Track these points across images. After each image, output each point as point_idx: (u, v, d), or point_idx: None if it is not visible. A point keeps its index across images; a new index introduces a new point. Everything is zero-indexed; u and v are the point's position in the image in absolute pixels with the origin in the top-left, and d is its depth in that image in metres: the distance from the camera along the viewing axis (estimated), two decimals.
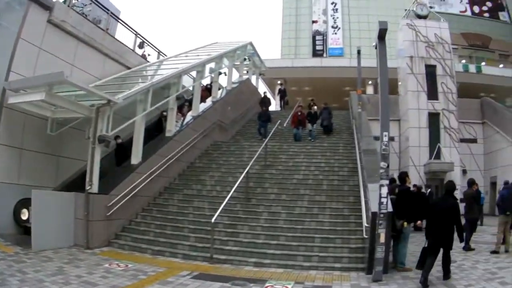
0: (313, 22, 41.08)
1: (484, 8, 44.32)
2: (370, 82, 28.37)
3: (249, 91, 21.19)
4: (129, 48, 15.21)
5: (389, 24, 7.85)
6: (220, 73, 17.36)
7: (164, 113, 13.27)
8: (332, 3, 41.50)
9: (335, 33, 40.23)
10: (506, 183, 11.00)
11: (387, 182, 7.25)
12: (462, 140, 20.78)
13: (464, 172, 20.15)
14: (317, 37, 40.23)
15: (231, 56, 18.17)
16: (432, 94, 20.36)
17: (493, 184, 20.01)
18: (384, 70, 7.80)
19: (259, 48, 21.96)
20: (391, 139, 17.37)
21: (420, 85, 20.44)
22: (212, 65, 16.53)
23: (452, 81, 20.67)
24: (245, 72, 22.20)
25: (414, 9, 22.66)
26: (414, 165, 19.25)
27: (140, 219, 10.36)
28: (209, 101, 16.44)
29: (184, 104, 14.88)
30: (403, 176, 8.34)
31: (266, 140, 13.96)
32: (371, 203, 7.82)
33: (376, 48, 8.12)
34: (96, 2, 14.77)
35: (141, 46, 18.00)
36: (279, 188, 11.40)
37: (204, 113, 15.20)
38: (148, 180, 10.69)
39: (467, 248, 9.54)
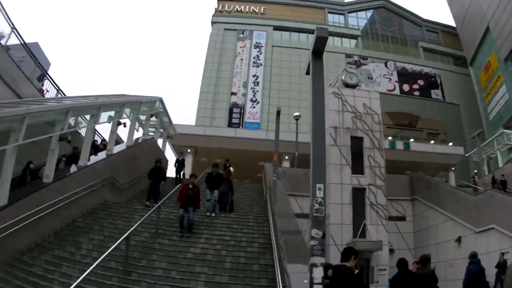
0: (232, 94, 39.89)
1: (415, 86, 43.84)
2: (286, 157, 26.97)
3: (153, 152, 18.76)
4: (25, 76, 13.17)
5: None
6: (119, 124, 15.28)
7: (31, 165, 11.29)
8: (254, 76, 40.72)
9: (253, 107, 39.09)
10: (473, 256, 9.53)
11: (322, 260, 5.25)
12: (390, 218, 19.06)
13: (392, 251, 18.29)
14: (235, 110, 38.94)
15: (135, 108, 16.48)
16: (358, 168, 18.53)
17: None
18: (320, 90, 6.88)
19: (176, 112, 20.51)
20: (304, 216, 14.56)
21: (344, 158, 18.46)
22: (112, 113, 14.65)
23: (380, 154, 18.99)
24: (151, 132, 20.42)
25: (343, 77, 20.95)
26: (335, 244, 16.74)
27: None
28: (102, 154, 14.26)
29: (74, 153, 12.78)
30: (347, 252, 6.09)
31: (160, 203, 11.73)
32: None
33: (296, 119, 7.36)
34: None
35: (40, 79, 15.83)
36: (169, 263, 9.29)
37: (94, 164, 12.90)
38: (13, 230, 8.09)
39: None
